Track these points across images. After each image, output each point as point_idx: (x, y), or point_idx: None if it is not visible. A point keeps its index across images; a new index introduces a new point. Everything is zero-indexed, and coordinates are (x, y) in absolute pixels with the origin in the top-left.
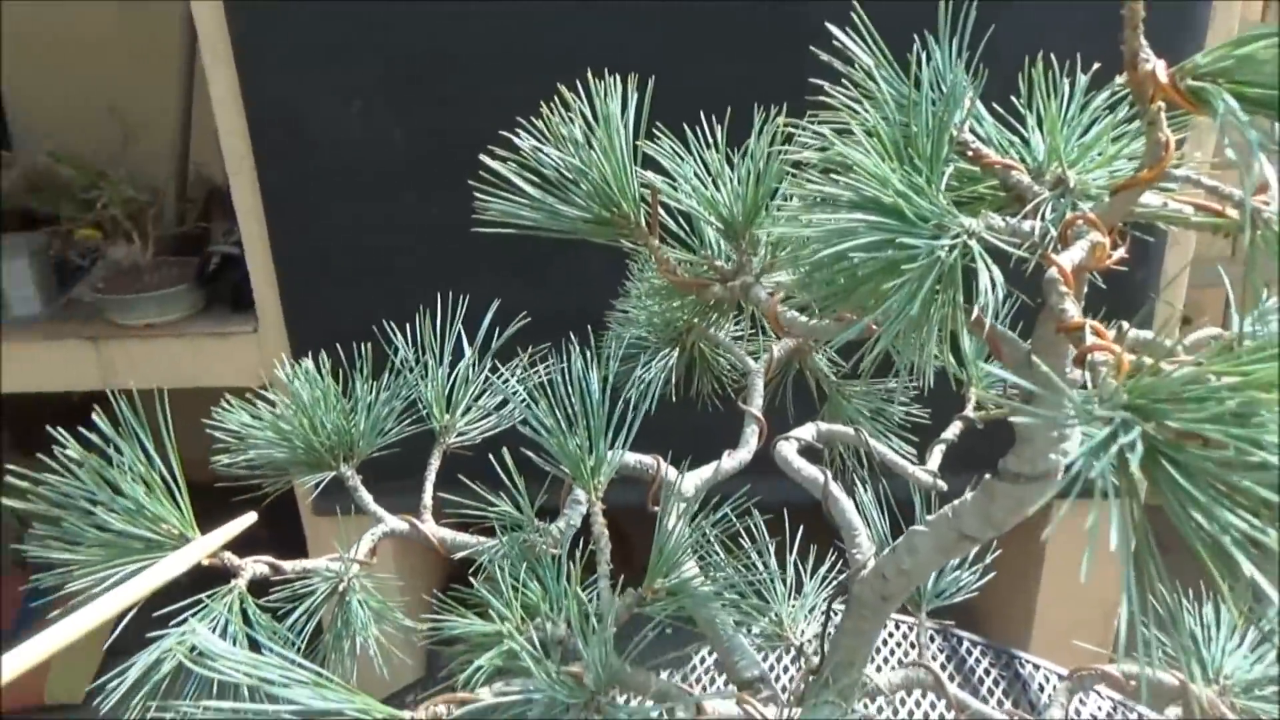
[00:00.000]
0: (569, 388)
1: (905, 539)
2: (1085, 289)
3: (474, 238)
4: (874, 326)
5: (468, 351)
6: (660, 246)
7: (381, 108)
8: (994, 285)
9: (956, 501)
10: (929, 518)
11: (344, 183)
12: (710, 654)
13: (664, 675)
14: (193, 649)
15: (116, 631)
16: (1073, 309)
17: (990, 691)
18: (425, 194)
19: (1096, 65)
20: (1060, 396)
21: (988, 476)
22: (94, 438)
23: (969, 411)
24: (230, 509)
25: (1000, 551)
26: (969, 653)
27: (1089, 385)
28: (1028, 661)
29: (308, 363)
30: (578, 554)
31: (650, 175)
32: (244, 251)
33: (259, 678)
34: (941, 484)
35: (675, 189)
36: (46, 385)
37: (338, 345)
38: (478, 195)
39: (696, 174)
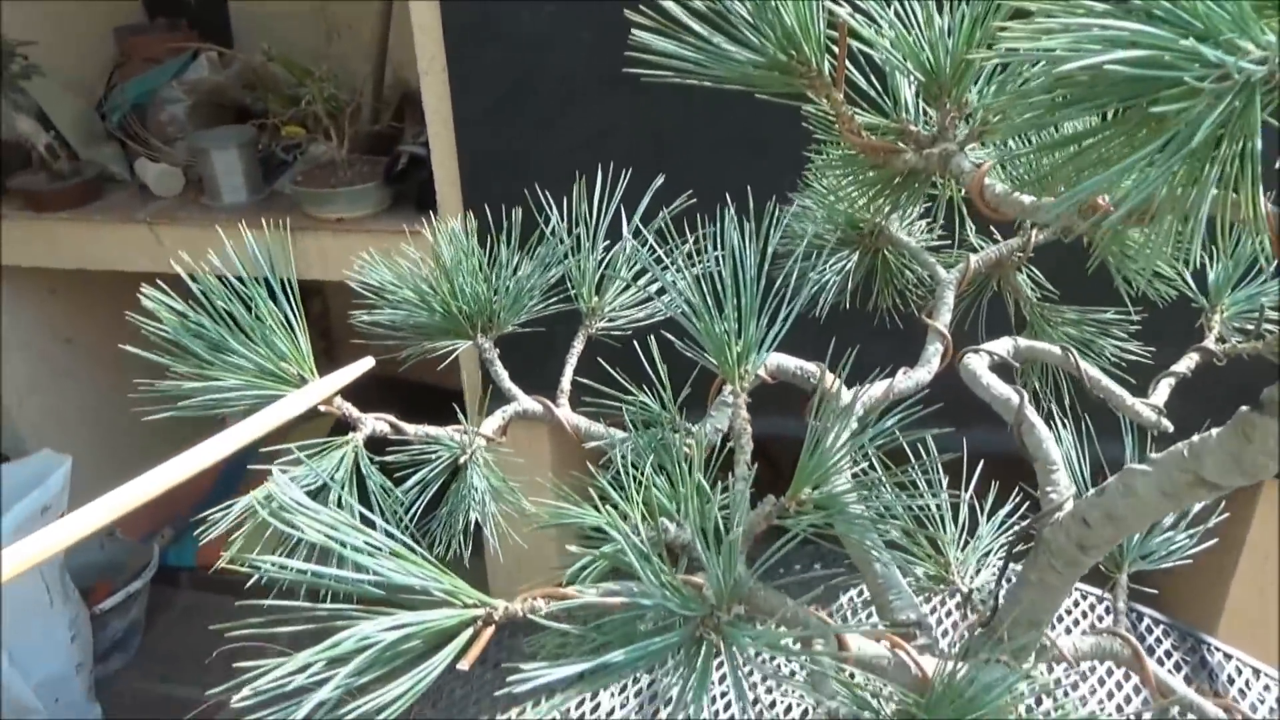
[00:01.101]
0: (721, 263)
1: (1120, 478)
2: None
3: (664, 144)
4: (1103, 203)
5: (626, 231)
6: (844, 103)
7: (573, 8)
8: None
9: (1196, 438)
10: (1154, 455)
11: (531, 85)
12: (860, 593)
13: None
14: (270, 499)
15: None
16: None
17: (1170, 675)
18: (613, 98)
19: None
20: None
21: (1245, 409)
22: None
23: (1209, 343)
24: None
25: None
26: (1149, 630)
27: None
28: (1218, 649)
29: (454, 223)
30: (716, 459)
31: (841, 10)
32: (430, 152)
33: (336, 540)
34: (1166, 423)
35: (872, 29)
36: (245, 271)
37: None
38: (634, 32)
39: (897, 14)
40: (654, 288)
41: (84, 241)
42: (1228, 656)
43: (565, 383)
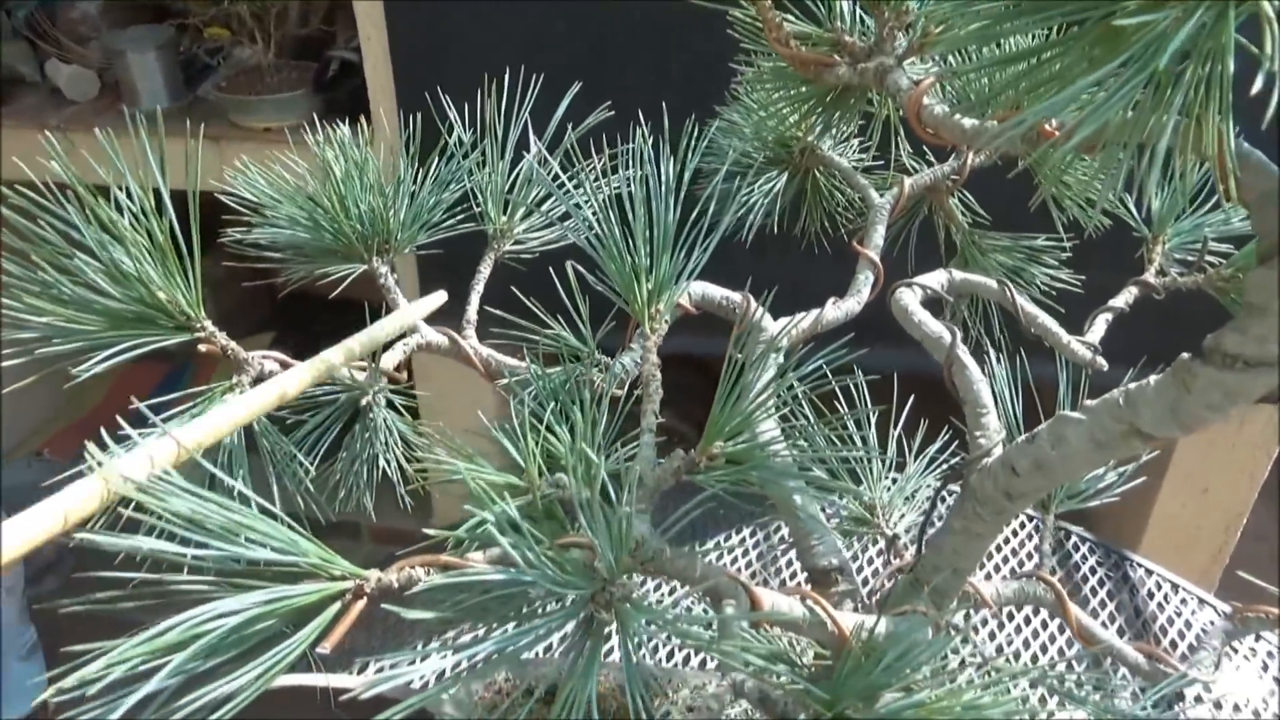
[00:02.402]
0: (633, 188)
1: (1051, 426)
2: None
3: (610, 52)
4: (1052, 129)
5: (534, 145)
6: (773, 9)
7: None
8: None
9: (1133, 386)
10: (1089, 403)
11: None
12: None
13: (716, 546)
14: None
15: None
16: None
17: (1094, 591)
18: (558, 5)
19: None
20: None
21: (1185, 356)
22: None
23: (1149, 276)
24: None
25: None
26: (1076, 548)
27: None
28: (1139, 565)
29: (344, 129)
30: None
31: None
32: (362, 58)
33: (181, 514)
34: (1101, 361)
35: None
36: (170, 184)
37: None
38: None
39: None
40: (562, 210)
41: None
42: (1149, 572)
43: (471, 312)
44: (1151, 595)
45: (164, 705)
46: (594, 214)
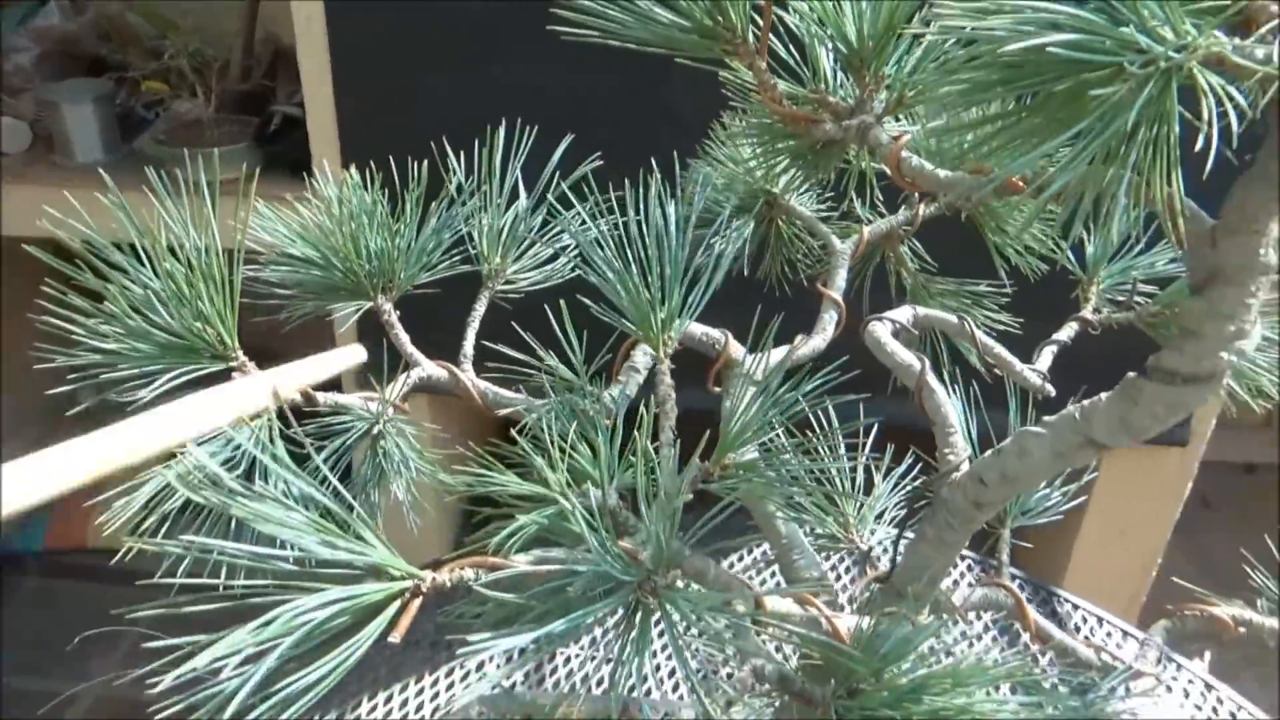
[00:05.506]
0: (644, 226)
1: (1015, 440)
2: None
3: (561, 110)
4: (1018, 183)
5: (524, 194)
6: (767, 71)
7: None
8: (1229, 117)
9: (1087, 402)
10: (1048, 419)
11: (418, 46)
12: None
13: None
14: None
15: None
16: None
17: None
18: (503, 62)
19: None
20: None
21: (1132, 375)
22: None
23: (1086, 313)
24: None
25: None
26: None
27: None
28: (1066, 600)
29: (356, 173)
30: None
31: None
32: (306, 113)
33: (258, 514)
34: (1049, 387)
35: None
36: (104, 235)
37: None
38: None
39: None
40: (555, 250)
41: None
42: (1075, 607)
43: (468, 347)
44: (1078, 628)
45: (253, 695)
46: (607, 251)
